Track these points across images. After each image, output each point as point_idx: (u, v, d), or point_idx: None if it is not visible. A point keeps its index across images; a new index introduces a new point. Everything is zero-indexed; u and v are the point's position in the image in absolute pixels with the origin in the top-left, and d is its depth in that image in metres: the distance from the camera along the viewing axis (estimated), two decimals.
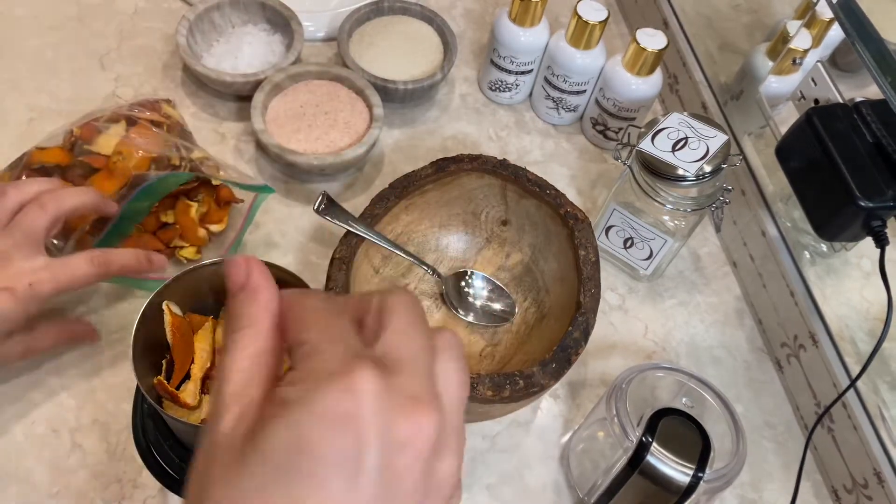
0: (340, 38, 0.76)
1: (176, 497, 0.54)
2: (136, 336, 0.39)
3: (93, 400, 0.57)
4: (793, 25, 0.65)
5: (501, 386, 0.51)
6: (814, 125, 0.56)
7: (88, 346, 0.59)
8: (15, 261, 0.47)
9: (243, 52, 0.74)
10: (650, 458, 0.47)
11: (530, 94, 0.81)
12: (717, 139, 0.61)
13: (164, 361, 0.42)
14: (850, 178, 0.54)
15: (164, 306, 0.42)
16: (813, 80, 0.62)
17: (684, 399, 0.52)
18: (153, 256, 0.54)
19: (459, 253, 0.68)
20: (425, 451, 0.23)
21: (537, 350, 0.59)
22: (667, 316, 0.69)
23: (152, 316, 0.41)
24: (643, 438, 0.48)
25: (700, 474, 0.47)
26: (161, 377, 0.40)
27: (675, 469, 0.47)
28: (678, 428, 0.49)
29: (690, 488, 0.47)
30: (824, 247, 0.65)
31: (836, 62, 0.62)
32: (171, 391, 0.40)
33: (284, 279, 0.43)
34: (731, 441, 0.50)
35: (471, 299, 0.65)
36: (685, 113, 0.63)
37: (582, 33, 0.72)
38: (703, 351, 0.68)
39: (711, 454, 0.48)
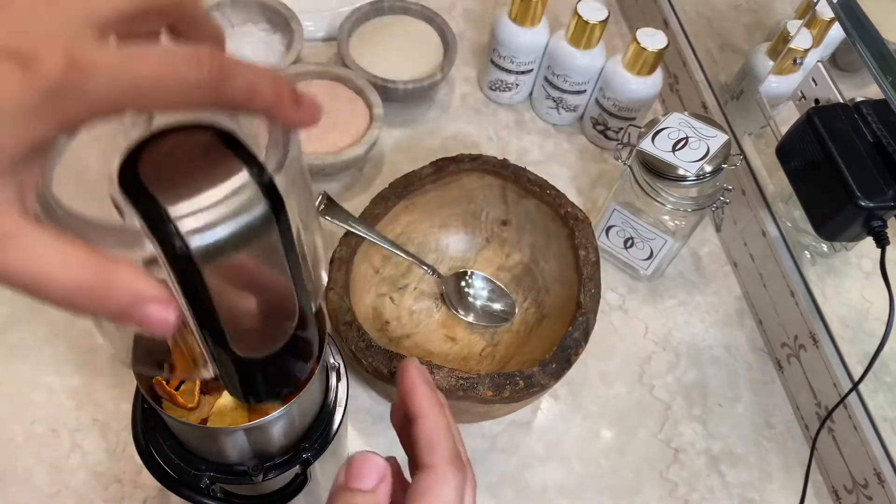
0: (340, 38, 0.76)
1: (176, 497, 0.54)
2: (136, 336, 0.39)
3: (93, 400, 0.57)
4: (793, 25, 0.65)
5: (501, 386, 0.51)
6: (814, 125, 0.56)
7: (86, 346, 0.59)
8: (68, 10, 0.22)
9: (243, 51, 0.74)
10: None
11: (530, 94, 0.81)
12: (718, 139, 0.61)
13: (164, 363, 0.41)
14: (851, 178, 0.53)
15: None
16: (813, 79, 0.62)
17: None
18: (306, 99, 0.26)
19: (459, 253, 0.68)
20: None
21: (537, 350, 0.59)
22: (667, 316, 0.69)
23: None
24: (141, 202, 0.23)
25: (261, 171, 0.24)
26: (160, 377, 0.40)
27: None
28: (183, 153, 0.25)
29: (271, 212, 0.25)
30: (825, 247, 0.65)
31: (837, 62, 0.62)
32: (169, 391, 0.39)
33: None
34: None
35: (471, 299, 0.65)
36: (685, 113, 0.62)
37: (582, 33, 0.72)
38: (703, 351, 0.68)
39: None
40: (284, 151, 0.26)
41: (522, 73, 0.77)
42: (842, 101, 0.59)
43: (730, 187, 0.62)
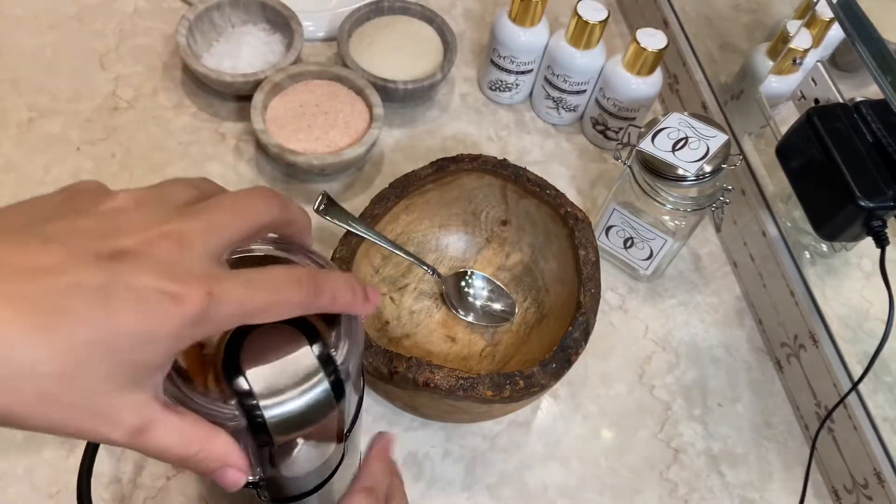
0: (340, 38, 0.76)
1: (176, 497, 0.54)
2: None
3: None
4: (793, 25, 0.65)
5: (501, 386, 0.51)
6: (814, 125, 0.56)
7: None
8: (195, 250, 0.27)
9: (243, 51, 0.74)
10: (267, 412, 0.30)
11: (530, 94, 0.81)
12: (718, 139, 0.61)
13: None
14: (851, 178, 0.53)
15: None
16: (813, 79, 0.62)
17: None
18: (370, 292, 0.34)
19: (459, 253, 0.68)
20: None
21: (537, 350, 0.59)
22: (667, 316, 0.69)
23: None
24: (240, 392, 0.30)
25: (330, 359, 0.32)
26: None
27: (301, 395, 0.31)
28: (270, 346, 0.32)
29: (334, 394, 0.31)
30: (824, 247, 0.65)
31: (837, 62, 0.62)
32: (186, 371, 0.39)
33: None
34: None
35: (471, 299, 0.65)
36: (685, 113, 0.62)
37: (582, 33, 0.72)
38: (703, 351, 0.68)
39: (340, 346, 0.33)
40: (352, 340, 0.33)
41: (522, 73, 0.77)
42: (841, 101, 0.59)
43: (729, 187, 0.62)
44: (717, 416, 0.64)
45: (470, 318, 0.64)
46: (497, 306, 0.65)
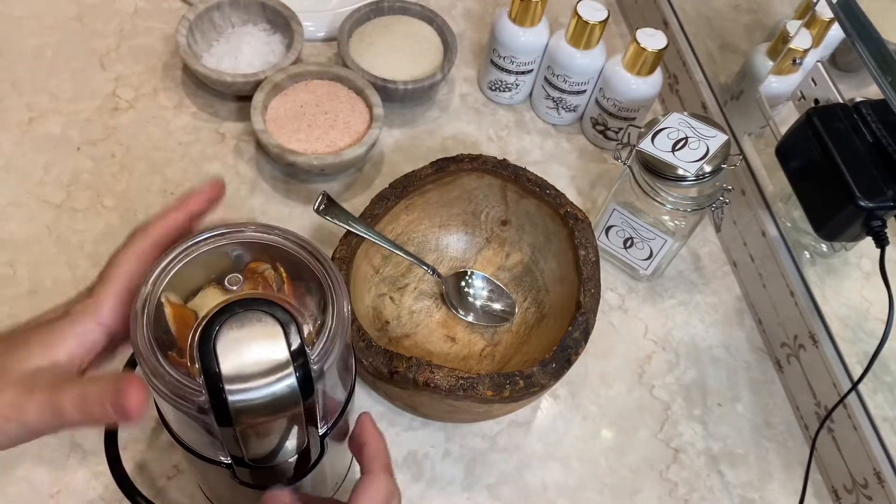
0: (340, 38, 0.76)
1: (176, 497, 0.54)
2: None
3: None
4: (793, 25, 0.65)
5: (501, 386, 0.51)
6: (814, 125, 0.56)
7: None
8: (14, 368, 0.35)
9: (243, 51, 0.74)
10: (232, 396, 0.31)
11: (530, 94, 0.81)
12: (717, 139, 0.61)
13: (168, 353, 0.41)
14: (850, 178, 0.53)
15: (164, 299, 0.40)
16: (813, 79, 0.62)
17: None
18: (126, 396, 0.32)
19: (459, 253, 0.68)
20: None
21: (537, 350, 0.59)
22: (667, 316, 0.69)
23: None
24: (208, 370, 0.31)
25: (298, 355, 0.32)
26: (172, 353, 0.38)
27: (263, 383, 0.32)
28: (244, 331, 0.32)
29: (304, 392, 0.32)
30: (824, 247, 0.65)
31: (836, 62, 0.62)
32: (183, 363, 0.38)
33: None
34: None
35: (471, 299, 0.65)
36: (685, 113, 0.63)
37: (582, 33, 0.72)
38: (703, 351, 0.68)
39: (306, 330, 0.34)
40: (330, 342, 0.34)
41: (522, 73, 0.77)
42: (841, 101, 0.59)
43: (729, 187, 0.62)
44: (716, 416, 0.64)
45: (470, 318, 0.64)
46: (497, 306, 0.65)
